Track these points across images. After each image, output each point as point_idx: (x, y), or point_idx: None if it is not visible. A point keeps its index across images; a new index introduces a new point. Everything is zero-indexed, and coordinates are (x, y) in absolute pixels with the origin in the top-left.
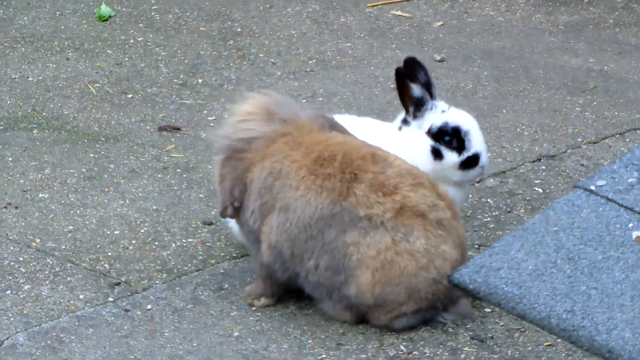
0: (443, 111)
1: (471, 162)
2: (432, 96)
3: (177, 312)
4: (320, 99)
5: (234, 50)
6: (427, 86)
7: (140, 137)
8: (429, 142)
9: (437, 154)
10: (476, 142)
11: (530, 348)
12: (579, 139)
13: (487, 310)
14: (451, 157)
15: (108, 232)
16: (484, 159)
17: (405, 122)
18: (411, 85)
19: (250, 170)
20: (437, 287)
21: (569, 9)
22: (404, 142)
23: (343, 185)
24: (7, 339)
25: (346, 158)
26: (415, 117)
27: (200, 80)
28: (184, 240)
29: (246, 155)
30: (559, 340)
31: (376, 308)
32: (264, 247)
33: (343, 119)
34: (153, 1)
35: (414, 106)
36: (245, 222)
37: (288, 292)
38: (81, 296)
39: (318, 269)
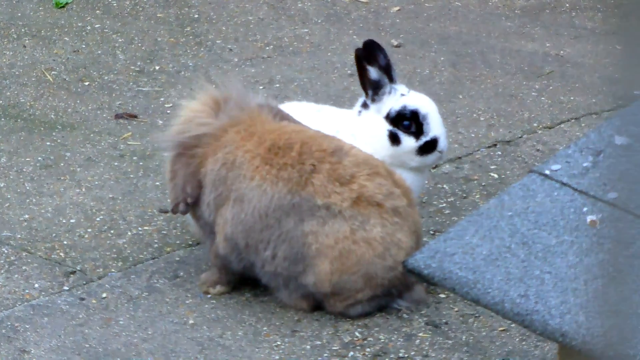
0: (402, 95)
1: (429, 146)
2: (391, 80)
3: (133, 300)
4: (278, 85)
5: (191, 37)
6: (387, 69)
7: (96, 124)
8: (386, 127)
9: (394, 139)
10: (435, 127)
11: (484, 333)
12: (535, 124)
13: (442, 295)
14: (409, 142)
15: (64, 221)
16: (442, 144)
17: (364, 105)
18: (369, 68)
19: (204, 165)
20: (392, 274)
21: None
22: (363, 127)
23: (302, 175)
24: None
25: (305, 148)
26: (373, 100)
27: (157, 67)
28: (139, 229)
29: (198, 151)
30: (513, 325)
31: (333, 296)
32: (219, 239)
33: (302, 107)
34: None
35: (372, 89)
36: (200, 214)
37: (243, 280)
38: (36, 285)
39: (275, 259)
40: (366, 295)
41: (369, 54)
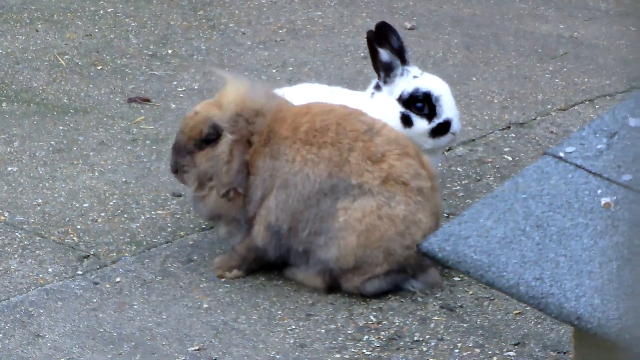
0: (415, 77)
1: (442, 128)
2: (404, 62)
3: (146, 284)
4: (291, 68)
5: (204, 20)
6: (400, 51)
7: (109, 109)
8: (398, 109)
9: (406, 121)
10: (448, 108)
11: (499, 316)
12: (549, 106)
13: (456, 279)
14: (421, 124)
15: (77, 205)
16: (455, 126)
17: (377, 87)
18: (380, 50)
19: (256, 158)
20: (408, 252)
21: None
22: (375, 109)
23: (341, 154)
24: None
25: (340, 128)
26: (385, 82)
27: (170, 51)
28: (153, 212)
29: (254, 139)
30: (527, 308)
31: (352, 271)
32: (259, 230)
33: (314, 88)
34: None
35: (384, 71)
36: (238, 207)
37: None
38: (50, 269)
39: (307, 237)
40: (383, 269)
41: (381, 36)
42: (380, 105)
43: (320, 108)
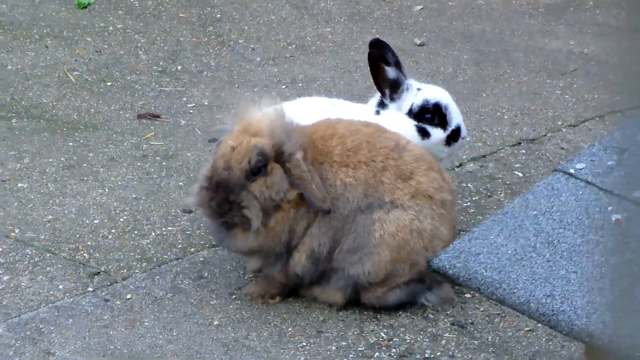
0: (419, 89)
1: (455, 135)
2: (404, 76)
3: (157, 301)
4: (300, 84)
5: (213, 37)
6: (398, 65)
7: (119, 125)
8: (412, 123)
9: (424, 133)
10: (456, 115)
11: (510, 333)
12: (559, 122)
13: (467, 295)
14: (438, 134)
15: (87, 222)
16: (464, 131)
17: (382, 105)
18: (386, 68)
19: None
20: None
21: None
22: (387, 126)
23: (375, 175)
24: None
25: (371, 146)
26: (392, 99)
27: (179, 67)
28: (163, 229)
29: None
30: (539, 325)
31: (378, 284)
32: (300, 258)
33: (317, 101)
34: None
35: (390, 88)
36: (284, 238)
37: None
38: (60, 286)
39: (340, 254)
40: (405, 279)
41: (382, 52)
42: (392, 122)
43: (346, 128)
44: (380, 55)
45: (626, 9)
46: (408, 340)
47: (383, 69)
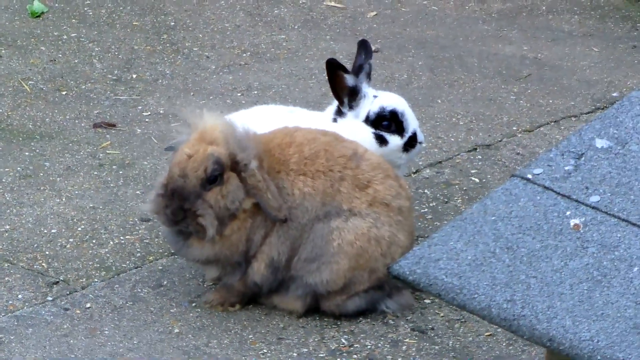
0: (375, 96)
1: (412, 141)
2: (361, 82)
3: (117, 309)
4: (255, 92)
5: (167, 45)
6: (357, 73)
7: (75, 134)
8: (370, 130)
9: (382, 140)
10: (412, 121)
11: (471, 338)
12: (514, 128)
13: (427, 301)
14: (395, 141)
15: (45, 231)
16: (421, 136)
17: (339, 113)
18: (345, 76)
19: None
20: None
21: None
22: (345, 134)
23: (332, 185)
24: None
25: (328, 154)
26: (351, 107)
27: (134, 76)
28: (121, 238)
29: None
30: (499, 330)
31: (337, 292)
32: (259, 267)
33: (274, 109)
34: None
35: (348, 96)
36: (241, 247)
37: None
38: (19, 296)
39: (298, 262)
40: (364, 287)
41: (339, 64)
42: (350, 130)
43: (303, 136)
44: (339, 64)
45: (578, 15)
46: (369, 347)
47: (342, 77)
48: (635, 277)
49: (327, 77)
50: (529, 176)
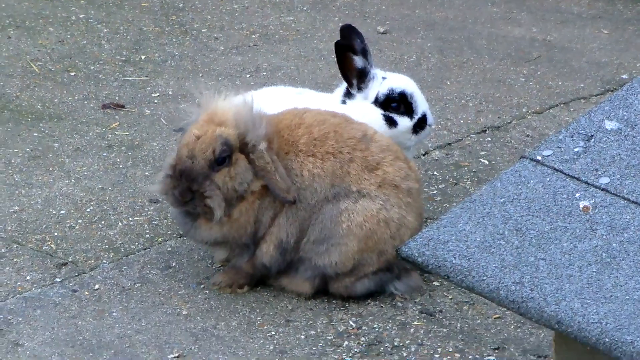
0: (384, 78)
1: (422, 123)
2: (370, 64)
3: (125, 291)
4: (264, 73)
5: (176, 26)
6: (365, 54)
7: (84, 115)
8: (379, 112)
9: (391, 122)
10: (421, 103)
11: (479, 321)
12: (524, 110)
13: (436, 283)
14: (404, 122)
15: (54, 212)
16: (430, 118)
17: (348, 94)
18: (353, 57)
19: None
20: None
21: None
22: (354, 115)
23: (342, 166)
24: None
25: (338, 136)
26: (360, 89)
27: (143, 57)
28: (130, 219)
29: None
30: (507, 312)
31: (346, 274)
32: (268, 248)
33: (282, 90)
34: None
35: (357, 78)
36: (249, 229)
37: None
38: (28, 277)
39: (307, 244)
40: (373, 269)
41: (350, 41)
42: (359, 111)
43: (313, 118)
44: (347, 45)
45: None
46: (377, 329)
47: (351, 58)
48: None
49: (335, 59)
50: (539, 158)
